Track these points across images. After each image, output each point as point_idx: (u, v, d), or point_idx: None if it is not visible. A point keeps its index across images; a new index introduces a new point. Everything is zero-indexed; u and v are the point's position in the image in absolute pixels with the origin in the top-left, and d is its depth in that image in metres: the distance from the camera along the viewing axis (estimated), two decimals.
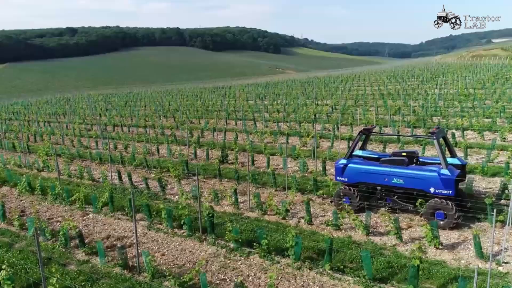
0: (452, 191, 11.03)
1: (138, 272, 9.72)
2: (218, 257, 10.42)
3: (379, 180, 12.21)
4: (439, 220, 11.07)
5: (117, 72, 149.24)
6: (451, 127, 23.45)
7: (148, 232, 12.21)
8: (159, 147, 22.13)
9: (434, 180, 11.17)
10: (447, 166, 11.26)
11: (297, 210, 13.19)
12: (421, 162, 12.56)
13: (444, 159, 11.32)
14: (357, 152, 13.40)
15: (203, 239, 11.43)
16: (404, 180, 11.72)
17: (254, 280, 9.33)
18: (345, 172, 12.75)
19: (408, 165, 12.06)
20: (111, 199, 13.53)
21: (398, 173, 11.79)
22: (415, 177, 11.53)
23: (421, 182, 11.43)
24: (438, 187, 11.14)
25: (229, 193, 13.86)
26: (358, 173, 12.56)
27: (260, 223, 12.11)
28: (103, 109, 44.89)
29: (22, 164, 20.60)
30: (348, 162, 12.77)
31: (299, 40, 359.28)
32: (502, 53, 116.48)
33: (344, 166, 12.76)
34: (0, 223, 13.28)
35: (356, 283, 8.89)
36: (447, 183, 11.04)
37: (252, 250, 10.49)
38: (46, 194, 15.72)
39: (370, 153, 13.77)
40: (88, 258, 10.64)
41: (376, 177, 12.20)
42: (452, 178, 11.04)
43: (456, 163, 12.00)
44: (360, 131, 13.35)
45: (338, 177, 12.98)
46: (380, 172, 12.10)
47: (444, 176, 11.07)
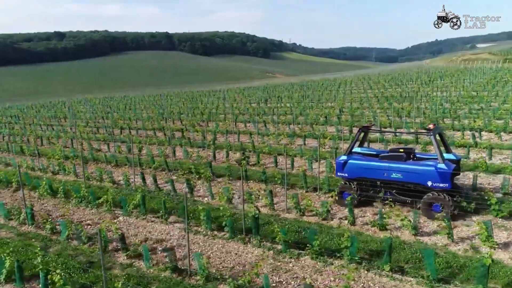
0: (448, 184, 11.55)
1: (188, 276, 9.35)
2: (267, 259, 10.09)
3: (379, 175, 12.66)
4: (436, 212, 11.54)
5: (107, 76, 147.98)
6: (463, 128, 23.43)
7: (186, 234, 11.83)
8: (175, 149, 21.69)
9: (432, 174, 11.66)
10: (444, 160, 11.75)
11: (334, 211, 12.93)
12: (418, 157, 12.99)
13: (441, 154, 11.82)
14: (355, 149, 13.74)
15: (247, 241, 11.10)
16: (402, 174, 12.21)
17: (312, 282, 9.02)
18: (345, 168, 13.18)
19: (406, 160, 12.51)
20: (143, 201, 13.12)
21: (397, 168, 12.28)
22: (413, 172, 12.03)
23: (419, 176, 11.93)
24: (435, 181, 11.62)
25: (264, 194, 13.56)
26: (358, 169, 13.00)
27: (301, 224, 11.83)
28: (103, 113, 44.24)
29: (35, 167, 20.03)
30: (348, 158, 13.18)
31: (288, 45, 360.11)
32: (491, 57, 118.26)
33: (345, 162, 13.18)
34: (28, 227, 12.79)
35: (419, 284, 8.65)
36: (444, 177, 11.52)
37: (302, 252, 10.20)
38: (69, 197, 15.26)
39: (368, 149, 14.30)
40: (130, 261, 10.25)
41: (376, 172, 12.64)
42: (449, 171, 11.52)
43: (451, 158, 12.50)
44: (359, 129, 13.81)
45: (339, 172, 13.42)
46: (380, 167, 12.56)
47: (441, 170, 11.55)
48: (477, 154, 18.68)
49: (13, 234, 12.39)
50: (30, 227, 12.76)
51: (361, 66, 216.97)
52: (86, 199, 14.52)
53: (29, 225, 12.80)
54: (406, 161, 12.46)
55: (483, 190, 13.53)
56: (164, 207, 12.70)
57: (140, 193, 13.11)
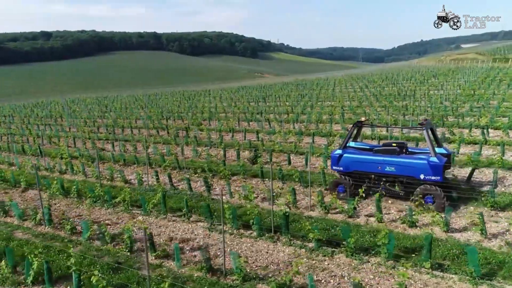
0: (440, 177, 11.89)
1: (224, 275, 9.09)
2: (300, 258, 9.88)
3: (373, 168, 12.94)
4: (428, 204, 11.79)
5: (95, 76, 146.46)
6: (470, 125, 23.50)
7: (211, 233, 11.55)
8: (183, 148, 21.34)
9: (424, 167, 12.01)
10: (436, 154, 12.10)
11: (359, 208, 12.72)
12: (410, 151, 13.31)
13: (433, 148, 12.18)
14: (350, 143, 14.03)
15: (276, 239, 10.86)
16: (396, 168, 12.54)
17: (351, 280, 8.83)
18: (340, 162, 13.45)
19: (399, 154, 12.82)
20: (163, 200, 12.80)
21: (391, 161, 12.61)
22: (407, 165, 12.37)
23: (412, 170, 12.27)
24: (427, 174, 11.97)
25: (285, 192, 13.35)
26: (352, 162, 13.28)
27: (327, 222, 11.63)
28: (100, 112, 43.61)
29: (40, 167, 19.52)
30: (343, 152, 13.47)
31: (276, 45, 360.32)
32: (479, 57, 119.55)
33: (340, 156, 13.45)
34: (45, 228, 12.38)
35: (461, 281, 8.51)
36: (435, 170, 11.87)
37: (335, 249, 10.01)
38: (82, 197, 14.88)
39: (362, 144, 14.65)
40: (160, 261, 9.94)
41: (370, 165, 12.92)
42: (441, 164, 11.87)
43: (442, 152, 12.85)
44: (354, 123, 14.13)
45: (334, 166, 13.68)
46: (374, 161, 12.88)
47: (433, 163, 11.89)
48: (487, 151, 18.68)
49: (30, 235, 11.99)
50: (47, 227, 12.35)
51: (348, 66, 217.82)
52: (101, 198, 14.14)
53: (46, 226, 12.39)
54: (399, 155, 12.78)
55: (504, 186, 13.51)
56: (186, 206, 12.40)
57: (161, 192, 12.77)
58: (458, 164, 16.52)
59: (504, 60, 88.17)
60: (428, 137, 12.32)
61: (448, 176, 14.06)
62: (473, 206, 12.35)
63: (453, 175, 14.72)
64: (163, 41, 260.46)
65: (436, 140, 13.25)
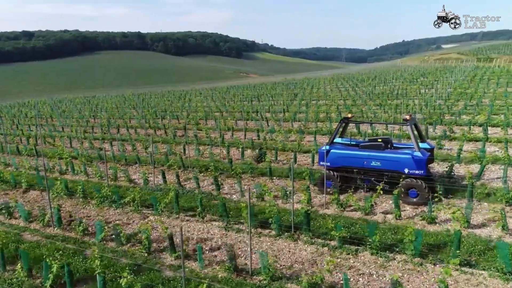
0: (423, 171, 12.21)
1: (250, 275, 8.87)
2: (324, 256, 9.72)
3: (359, 163, 13.21)
4: (412, 198, 12.14)
5: (79, 77, 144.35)
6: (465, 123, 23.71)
7: (228, 233, 11.32)
8: (185, 147, 21.00)
9: (408, 161, 12.33)
10: (419, 149, 12.45)
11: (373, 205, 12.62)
12: (395, 147, 13.72)
13: (417, 143, 12.57)
14: (336, 139, 14.27)
15: (296, 238, 10.68)
16: (381, 162, 12.83)
17: (380, 278, 8.71)
18: (327, 157, 13.56)
19: (384, 149, 13.16)
20: (176, 199, 12.51)
21: (376, 156, 12.90)
22: (391, 160, 12.69)
23: (397, 164, 12.57)
24: (411, 168, 12.28)
25: (300, 190, 13.19)
26: (339, 158, 13.49)
27: (344, 220, 11.49)
28: (91, 112, 42.87)
29: (38, 167, 19.00)
30: (330, 148, 13.67)
31: (260, 45, 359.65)
32: (462, 57, 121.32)
33: (327, 151, 13.60)
34: (54, 229, 11.98)
35: (492, 277, 8.44)
36: (419, 164, 12.20)
37: (359, 247, 9.87)
38: (87, 197, 14.48)
39: (348, 140, 14.86)
40: (179, 262, 9.66)
41: (356, 160, 13.17)
42: (424, 158, 12.21)
43: (426, 147, 13.15)
44: (340, 120, 14.45)
45: (321, 162, 13.80)
46: (360, 156, 13.15)
47: (417, 157, 12.22)
48: (489, 148, 18.79)
49: (40, 237, 11.59)
50: (56, 229, 11.95)
51: (332, 66, 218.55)
52: (108, 198, 13.77)
53: (55, 227, 11.99)
54: (384, 150, 13.13)
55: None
56: (201, 205, 12.14)
57: (173, 191, 12.48)
58: (464, 161, 16.59)
59: (489, 60, 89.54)
60: (412, 132, 12.65)
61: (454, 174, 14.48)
62: (487, 202, 12.39)
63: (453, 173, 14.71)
64: (148, 41, 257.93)
65: (420, 135, 13.58)
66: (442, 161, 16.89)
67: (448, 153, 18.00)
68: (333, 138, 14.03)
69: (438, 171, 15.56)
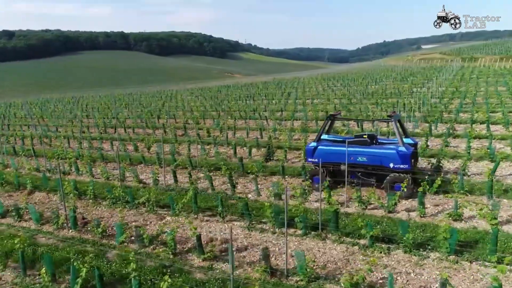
0: (408, 165, 12.50)
1: (285, 276, 8.62)
2: (355, 255, 9.54)
3: (346, 159, 13.16)
4: (398, 191, 12.00)
5: (63, 77, 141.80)
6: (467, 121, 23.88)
7: (251, 233, 11.05)
8: (190, 146, 20.61)
9: (393, 156, 12.67)
10: (404, 144, 12.77)
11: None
12: (380, 142, 14.04)
13: (401, 138, 12.88)
14: (323, 136, 14.49)
15: (324, 237, 10.47)
16: (367, 158, 13.18)
17: (418, 276, 8.57)
18: (315, 154, 13.88)
19: (370, 145, 13.47)
20: (195, 199, 12.18)
21: (362, 152, 13.24)
22: (377, 155, 13.02)
23: (382, 159, 12.90)
24: (396, 163, 12.61)
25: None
26: (326, 154, 13.71)
27: (370, 218, 11.32)
28: (83, 111, 42.02)
29: (39, 168, 18.43)
30: (317, 145, 13.97)
31: (243, 45, 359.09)
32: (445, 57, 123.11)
33: (314, 148, 13.93)
34: (69, 231, 11.54)
35: None
36: (404, 159, 12.50)
37: (390, 246, 9.72)
38: (97, 198, 14.04)
39: (335, 136, 15.34)
40: (209, 264, 9.37)
41: (343, 156, 13.12)
42: (408, 153, 12.53)
43: (409, 142, 13.45)
44: (327, 117, 14.78)
45: (309, 158, 14.11)
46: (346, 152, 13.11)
47: (401, 152, 12.55)
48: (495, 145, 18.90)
49: (54, 239, 11.13)
50: (71, 231, 11.52)
51: (316, 66, 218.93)
52: (121, 199, 13.36)
53: (70, 230, 11.55)
54: (370, 146, 13.43)
55: None
56: (221, 205, 11.84)
57: (192, 190, 12.15)
58: (473, 158, 16.63)
59: (474, 60, 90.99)
60: (397, 128, 13.02)
61: None
62: (506, 199, 12.39)
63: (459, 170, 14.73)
64: (131, 41, 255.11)
65: (404, 131, 13.82)
66: (452, 158, 16.93)
67: (455, 151, 18.06)
68: (320, 135, 14.28)
69: (450, 168, 15.59)
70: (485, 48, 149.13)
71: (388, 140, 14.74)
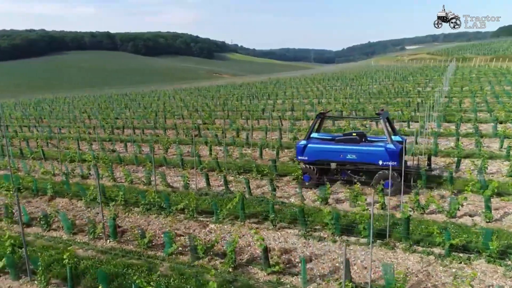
0: (397, 162, 12.49)
1: None
2: (434, 266, 8.76)
3: (335, 156, 13.59)
4: (386, 188, 12.14)
5: (50, 77, 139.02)
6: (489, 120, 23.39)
7: (309, 241, 10.19)
8: (211, 147, 19.64)
9: (382, 153, 12.78)
10: (392, 141, 12.92)
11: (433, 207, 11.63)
12: (369, 140, 14.12)
13: (390, 135, 13.05)
14: (313, 134, 14.49)
15: (392, 246, 9.66)
16: (357, 155, 13.24)
17: None
18: (305, 152, 13.89)
19: (359, 143, 13.53)
20: (242, 205, 11.27)
21: (351, 149, 13.30)
22: (366, 152, 13.12)
23: (371, 156, 13.01)
24: (385, 160, 12.69)
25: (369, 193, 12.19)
26: (316, 152, 13.78)
27: (429, 224, 10.54)
28: (81, 112, 40.64)
29: (53, 171, 17.29)
30: (307, 143, 13.97)
31: (230, 46, 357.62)
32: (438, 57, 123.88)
33: (304, 146, 13.92)
34: (107, 242, 10.53)
35: None
36: (392, 156, 12.61)
37: (470, 255, 8.94)
38: (127, 204, 13.03)
39: (325, 134, 15.40)
40: (276, 277, 8.49)
41: (333, 154, 13.52)
42: (397, 150, 12.66)
43: (398, 139, 13.51)
44: (317, 115, 14.82)
45: (299, 156, 14.11)
46: (336, 150, 13.53)
47: (390, 149, 12.68)
48: None
49: (92, 251, 10.12)
50: (110, 241, 10.51)
51: (303, 67, 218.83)
52: (156, 205, 12.38)
53: (109, 240, 10.54)
54: (359, 143, 13.50)
55: None
56: (273, 211, 10.96)
57: (239, 196, 11.24)
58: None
59: (468, 60, 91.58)
60: (385, 126, 13.14)
61: None
62: None
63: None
64: (117, 41, 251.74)
65: (392, 128, 13.93)
66: (489, 159, 16.27)
67: (490, 151, 17.47)
68: (310, 133, 14.25)
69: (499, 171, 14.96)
70: (472, 48, 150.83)
71: (377, 138, 14.84)
